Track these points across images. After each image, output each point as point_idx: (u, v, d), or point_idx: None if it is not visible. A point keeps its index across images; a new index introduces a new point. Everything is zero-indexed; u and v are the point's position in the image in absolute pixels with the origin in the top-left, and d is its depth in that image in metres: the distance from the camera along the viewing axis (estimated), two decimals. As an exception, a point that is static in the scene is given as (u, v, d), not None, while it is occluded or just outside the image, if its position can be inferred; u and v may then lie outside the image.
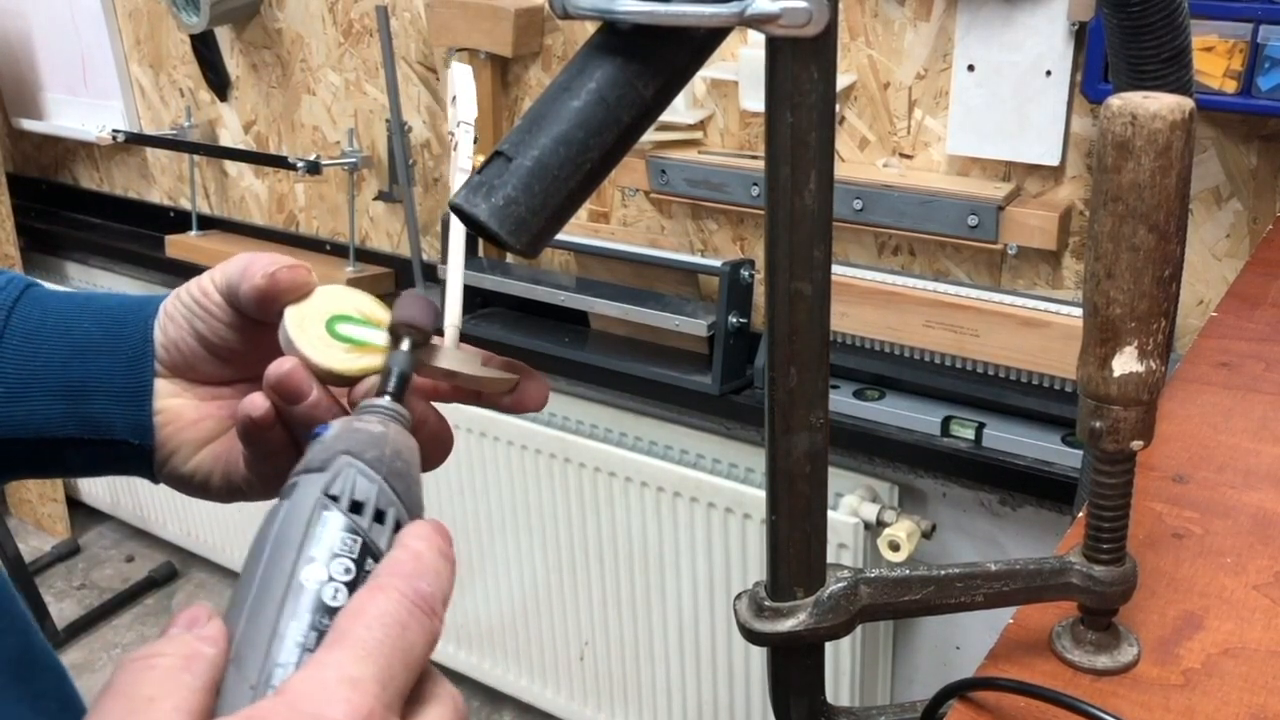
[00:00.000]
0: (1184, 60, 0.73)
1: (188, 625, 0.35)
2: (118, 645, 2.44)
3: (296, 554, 0.36)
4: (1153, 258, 0.46)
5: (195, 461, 0.55)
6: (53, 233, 2.54)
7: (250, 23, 2.04)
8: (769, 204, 0.47)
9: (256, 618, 0.35)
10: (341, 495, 0.38)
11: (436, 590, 0.37)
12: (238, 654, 0.34)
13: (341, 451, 0.40)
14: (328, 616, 0.35)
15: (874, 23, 1.42)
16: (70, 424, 0.53)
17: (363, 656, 0.33)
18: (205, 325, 0.53)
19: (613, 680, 1.90)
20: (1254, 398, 0.78)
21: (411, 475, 0.41)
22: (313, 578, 0.36)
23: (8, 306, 0.54)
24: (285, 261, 0.51)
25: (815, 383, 0.49)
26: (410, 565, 0.37)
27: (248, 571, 0.37)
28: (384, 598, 0.35)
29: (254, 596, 0.35)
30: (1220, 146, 1.26)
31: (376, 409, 0.44)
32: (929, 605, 0.54)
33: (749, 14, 0.42)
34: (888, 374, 1.48)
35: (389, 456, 0.40)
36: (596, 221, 1.76)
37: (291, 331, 0.49)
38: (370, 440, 0.41)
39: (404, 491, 0.40)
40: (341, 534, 0.37)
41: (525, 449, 1.80)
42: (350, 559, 0.37)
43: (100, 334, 0.54)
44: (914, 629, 1.69)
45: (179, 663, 0.33)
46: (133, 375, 0.53)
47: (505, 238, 0.43)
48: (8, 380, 0.52)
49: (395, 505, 0.39)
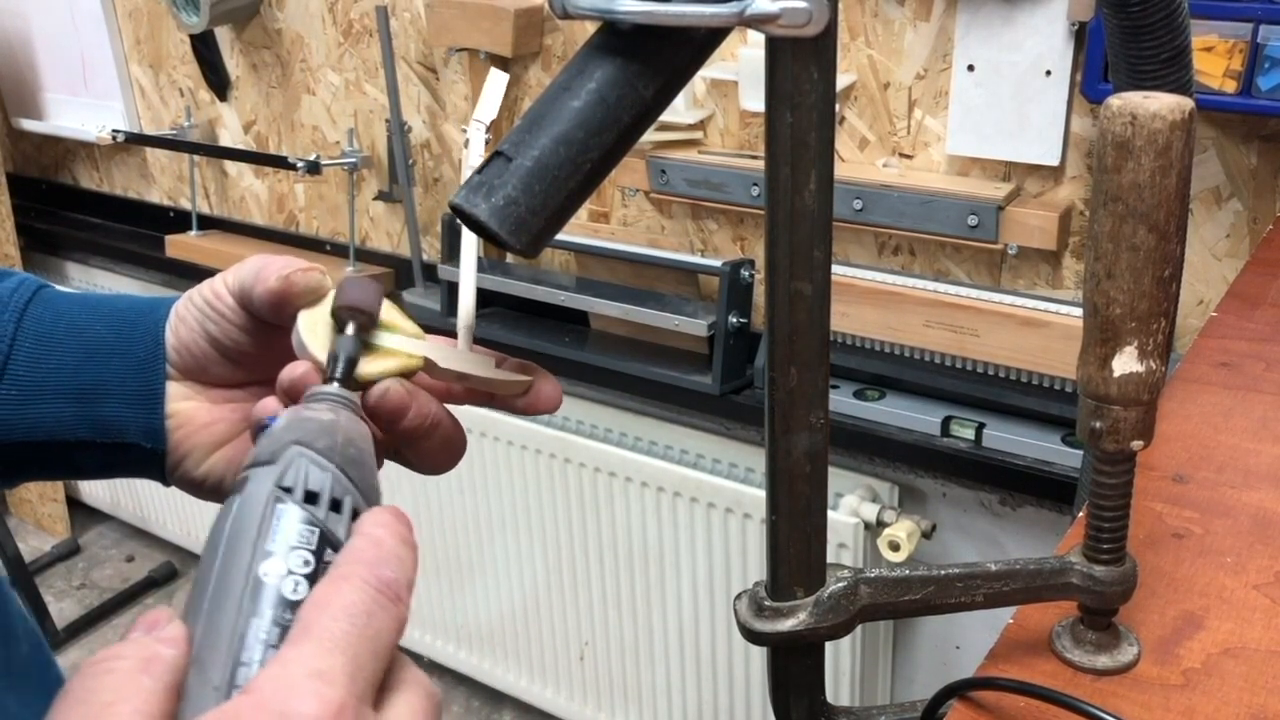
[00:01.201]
0: (1184, 60, 0.73)
1: (147, 629, 0.34)
2: (118, 645, 2.44)
3: (253, 549, 0.35)
4: (1153, 258, 0.46)
5: (208, 465, 0.55)
6: (53, 233, 2.54)
7: (250, 23, 2.04)
8: (769, 204, 0.47)
9: (216, 617, 0.34)
10: (295, 486, 0.37)
11: (400, 576, 0.36)
12: (198, 655, 0.34)
13: (292, 442, 0.39)
14: (289, 611, 0.34)
15: (874, 23, 1.42)
16: (82, 427, 0.53)
17: (330, 649, 0.33)
18: (217, 327, 0.53)
19: (613, 680, 1.90)
20: (1254, 398, 0.78)
21: (366, 462, 0.40)
22: (272, 572, 0.35)
23: (20, 308, 0.54)
24: (300, 264, 0.50)
25: (815, 383, 0.49)
26: (371, 552, 0.36)
27: (203, 570, 0.36)
28: (347, 587, 0.34)
29: (211, 595, 0.35)
30: (1220, 146, 1.26)
31: (325, 396, 0.43)
32: (929, 605, 0.54)
33: (749, 14, 0.42)
34: (888, 374, 1.48)
35: (341, 444, 0.40)
36: (596, 221, 1.76)
37: (305, 335, 0.48)
38: (320, 429, 0.40)
39: (359, 479, 0.39)
40: (298, 526, 0.36)
41: (525, 449, 1.80)
42: (309, 551, 0.36)
43: (112, 336, 0.54)
44: (914, 629, 1.69)
45: (137, 665, 0.32)
46: (144, 378, 0.53)
47: (505, 238, 0.43)
48: (20, 383, 0.52)
49: (351, 493, 0.38)
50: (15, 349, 0.53)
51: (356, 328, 0.47)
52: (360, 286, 0.47)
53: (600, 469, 1.73)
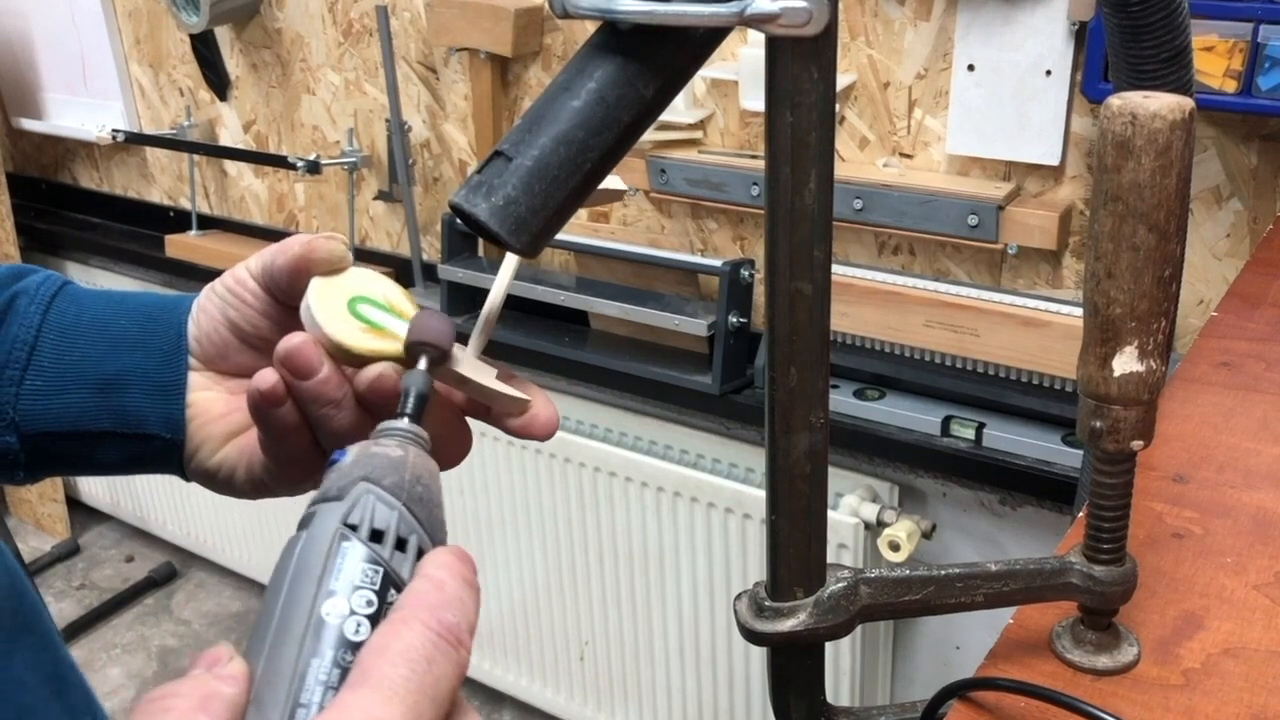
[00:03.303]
0: (1184, 60, 0.73)
1: (208, 665, 0.34)
2: (117, 645, 2.44)
3: (316, 587, 0.35)
4: (1153, 257, 0.46)
5: (221, 455, 0.55)
6: (53, 232, 2.54)
7: (250, 22, 2.04)
8: (769, 204, 0.47)
9: (276, 656, 0.34)
10: (361, 524, 0.37)
11: (462, 620, 0.35)
12: (258, 694, 0.33)
13: (360, 478, 0.38)
14: (350, 652, 0.34)
15: (874, 22, 1.42)
16: (104, 417, 0.54)
17: (389, 697, 0.32)
18: (238, 313, 0.54)
19: (613, 680, 1.90)
20: (1254, 398, 0.78)
21: (433, 500, 0.40)
22: (334, 612, 0.34)
23: (45, 302, 0.55)
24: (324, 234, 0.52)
25: (815, 383, 0.49)
26: (434, 596, 0.35)
27: (267, 607, 0.35)
28: (408, 631, 0.34)
29: (274, 633, 0.34)
30: (1220, 146, 1.26)
31: (395, 432, 0.42)
32: (929, 605, 0.54)
33: (749, 14, 0.42)
34: (888, 374, 1.48)
35: (409, 482, 0.39)
36: (596, 221, 1.76)
37: (312, 300, 0.49)
38: (389, 465, 0.39)
39: (425, 517, 0.39)
40: (362, 565, 0.36)
41: (525, 449, 1.80)
42: (372, 590, 0.35)
43: (136, 330, 0.55)
44: (914, 629, 1.69)
45: (196, 703, 0.32)
46: (167, 369, 0.54)
47: (505, 237, 0.43)
48: (45, 374, 0.53)
49: (417, 532, 0.38)
50: (40, 340, 0.54)
51: (429, 363, 0.46)
52: (435, 321, 0.46)
53: (600, 469, 1.73)
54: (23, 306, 0.55)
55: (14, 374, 0.53)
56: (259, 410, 0.49)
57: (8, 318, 0.54)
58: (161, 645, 2.43)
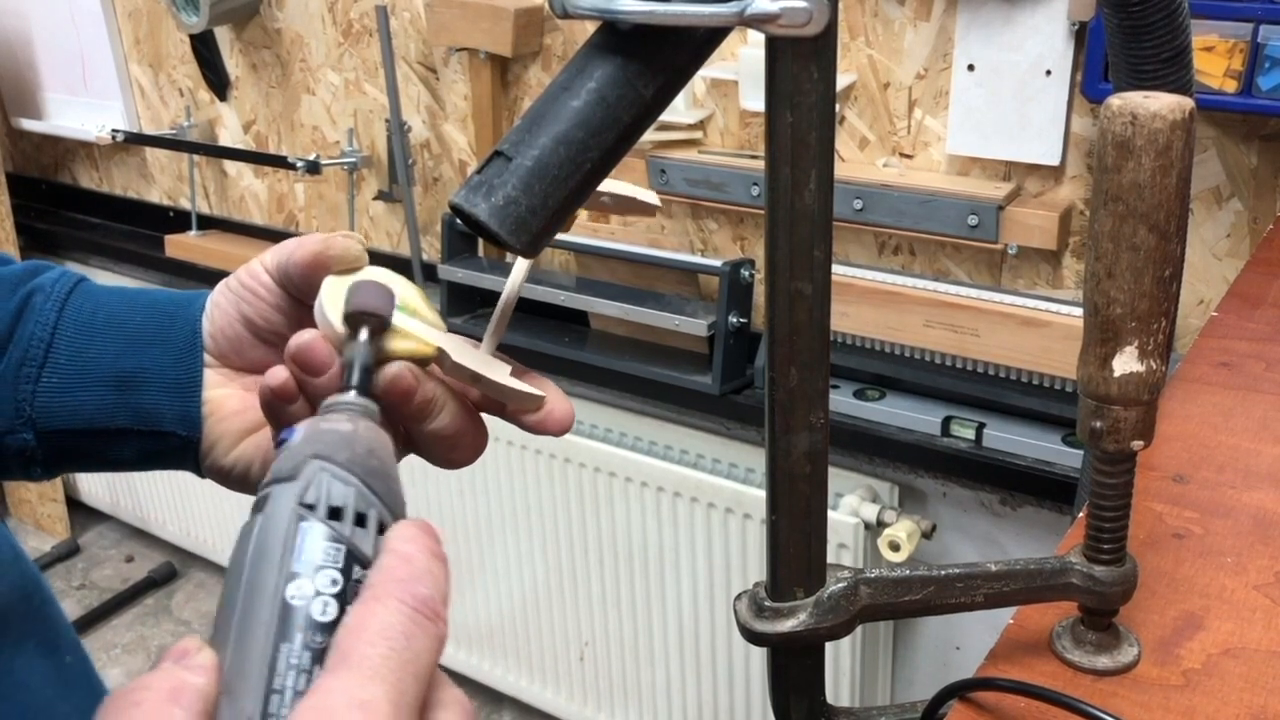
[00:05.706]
0: (1184, 60, 0.73)
1: (177, 658, 0.33)
2: (117, 645, 2.44)
3: (279, 571, 0.34)
4: (1153, 257, 0.46)
5: (236, 453, 0.55)
6: (52, 233, 2.54)
7: (250, 23, 2.04)
8: (769, 204, 0.47)
9: (244, 643, 0.33)
10: (318, 503, 0.36)
11: (435, 592, 0.35)
12: (229, 683, 0.32)
13: (311, 455, 0.37)
14: (319, 633, 0.33)
15: (874, 22, 1.42)
16: (121, 415, 0.54)
17: (370, 677, 0.32)
18: (252, 308, 0.54)
19: (613, 680, 1.90)
20: (1254, 398, 0.78)
21: (389, 472, 0.39)
22: (299, 594, 0.34)
23: (61, 298, 0.55)
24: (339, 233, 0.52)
25: (815, 383, 0.49)
26: (403, 570, 0.35)
27: (229, 594, 0.34)
28: (383, 609, 0.33)
29: (239, 621, 0.33)
30: (1220, 146, 1.26)
31: (343, 406, 0.41)
32: (929, 605, 0.54)
33: (749, 14, 0.41)
34: (888, 374, 1.48)
35: (362, 455, 0.38)
36: (596, 221, 1.76)
37: (325, 298, 0.48)
38: (340, 440, 0.38)
39: (383, 491, 0.38)
40: (323, 544, 0.35)
41: (525, 449, 1.80)
42: (336, 569, 0.35)
43: (152, 327, 0.55)
44: (914, 629, 1.69)
45: (166, 695, 0.31)
46: (183, 366, 0.54)
47: (505, 237, 0.43)
48: (62, 371, 0.53)
49: (376, 506, 0.37)
50: (57, 337, 0.54)
51: (369, 332, 0.46)
52: (370, 290, 0.46)
53: (600, 469, 1.73)
54: (39, 304, 0.55)
55: (31, 371, 0.53)
56: (271, 407, 0.49)
57: (24, 315, 0.54)
58: (161, 645, 2.43)
